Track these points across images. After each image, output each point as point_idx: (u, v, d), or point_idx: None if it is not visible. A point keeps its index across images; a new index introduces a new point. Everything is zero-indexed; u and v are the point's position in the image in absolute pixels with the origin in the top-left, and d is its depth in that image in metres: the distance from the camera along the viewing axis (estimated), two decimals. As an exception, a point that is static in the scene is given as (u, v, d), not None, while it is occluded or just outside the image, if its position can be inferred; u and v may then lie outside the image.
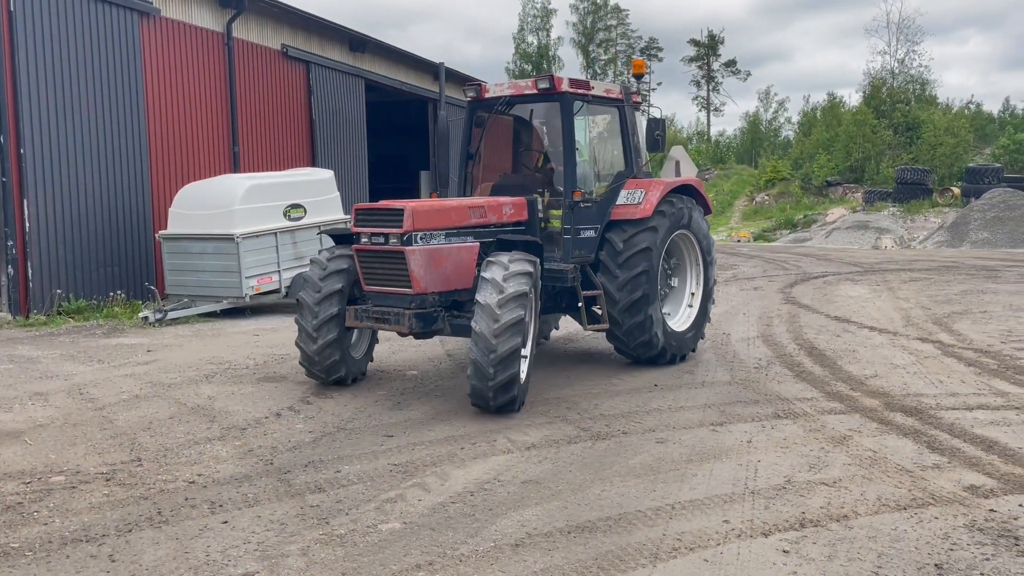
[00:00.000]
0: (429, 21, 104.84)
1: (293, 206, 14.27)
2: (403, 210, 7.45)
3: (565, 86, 8.67)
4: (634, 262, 8.62)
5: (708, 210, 9.87)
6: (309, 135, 19.78)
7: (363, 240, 7.68)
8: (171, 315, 12.97)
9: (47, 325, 12.61)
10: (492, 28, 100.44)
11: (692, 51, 72.51)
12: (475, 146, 9.32)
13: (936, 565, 4.21)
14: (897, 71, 52.82)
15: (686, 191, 9.48)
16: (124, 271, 14.67)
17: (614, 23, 70.26)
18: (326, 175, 15.59)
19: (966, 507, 4.95)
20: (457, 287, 7.77)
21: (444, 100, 25.31)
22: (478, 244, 7.81)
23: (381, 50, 22.91)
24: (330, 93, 20.47)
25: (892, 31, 57.65)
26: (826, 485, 5.36)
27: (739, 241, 35.77)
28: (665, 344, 8.92)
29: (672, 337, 9.09)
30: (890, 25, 60.14)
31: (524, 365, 7.24)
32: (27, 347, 10.83)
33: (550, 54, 62.80)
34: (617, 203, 8.90)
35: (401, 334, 7.89)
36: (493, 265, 7.16)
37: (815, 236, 33.82)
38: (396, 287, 7.61)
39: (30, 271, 13.07)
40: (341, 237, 8.31)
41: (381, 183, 23.61)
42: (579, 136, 9.05)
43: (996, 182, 33.85)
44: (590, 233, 8.79)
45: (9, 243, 12.84)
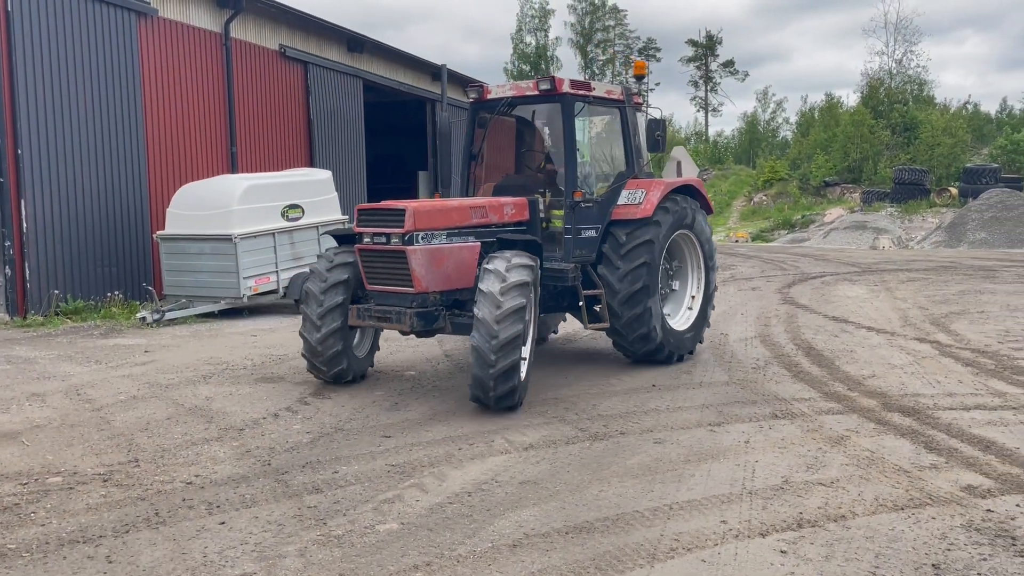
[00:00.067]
0: (427, 21, 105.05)
1: (291, 206, 14.27)
2: (405, 210, 7.51)
3: (566, 87, 8.71)
4: (636, 254, 8.71)
5: (710, 210, 9.96)
6: (307, 135, 19.78)
7: (365, 240, 7.76)
8: (169, 315, 12.95)
9: (44, 326, 12.60)
10: (490, 28, 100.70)
11: (690, 51, 72.75)
12: (478, 147, 9.38)
13: (933, 565, 4.21)
14: (895, 71, 52.99)
15: (687, 191, 9.53)
16: (122, 271, 14.67)
17: (612, 23, 70.38)
18: (324, 175, 15.59)
19: (963, 507, 4.95)
20: (458, 286, 7.83)
21: (446, 101, 25.31)
22: (479, 244, 7.86)
23: (379, 50, 22.91)
24: (328, 93, 20.46)
25: (890, 31, 57.77)
26: (823, 485, 5.36)
27: (737, 241, 35.79)
28: (663, 340, 8.96)
29: (671, 334, 9.14)
30: (888, 25, 60.38)
31: (523, 365, 7.29)
32: (24, 348, 10.82)
33: (548, 55, 62.81)
34: (618, 203, 8.97)
35: (403, 332, 7.95)
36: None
37: (813, 236, 33.86)
38: (398, 286, 7.67)
39: (28, 271, 13.07)
40: (343, 238, 8.39)
41: (379, 183, 23.57)
42: (579, 136, 9.08)
43: (993, 182, 33.93)
44: (591, 233, 8.86)
45: (7, 243, 12.83)
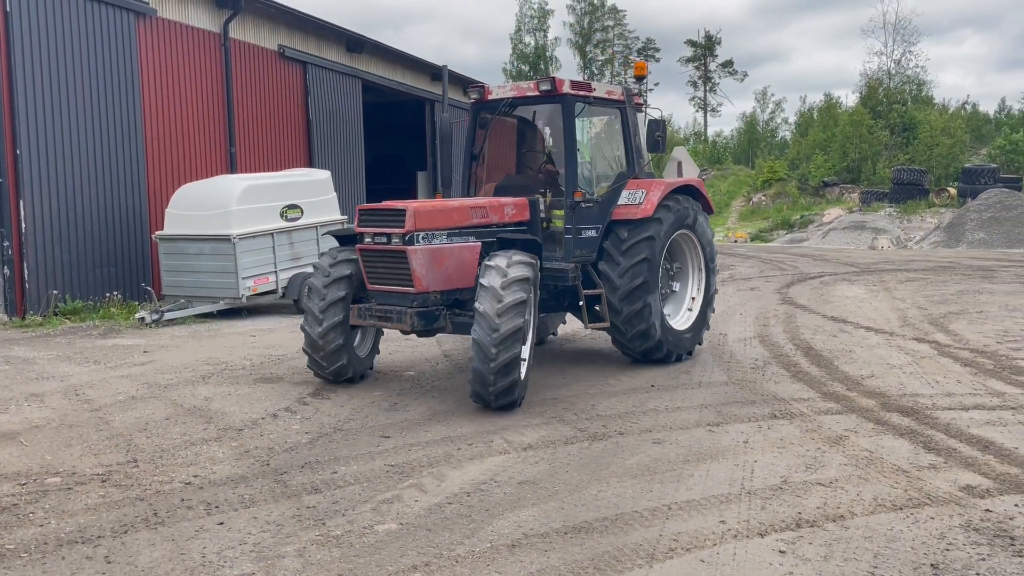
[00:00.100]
0: (426, 22, 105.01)
1: (290, 207, 14.26)
2: (405, 210, 7.55)
3: (566, 88, 8.73)
4: (637, 249, 8.75)
5: (710, 210, 10.00)
6: (306, 135, 19.77)
7: (366, 240, 7.80)
8: (167, 316, 12.95)
9: (43, 326, 12.59)
10: (489, 29, 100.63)
11: (689, 52, 72.71)
12: (479, 147, 9.41)
13: (932, 565, 4.21)
14: (894, 72, 53.06)
15: (688, 192, 9.55)
16: (120, 272, 14.66)
17: (611, 24, 70.31)
18: (323, 176, 15.58)
19: (962, 507, 4.96)
20: (459, 286, 7.86)
21: (447, 102, 25.28)
22: (480, 244, 7.90)
23: (378, 50, 22.90)
24: (327, 93, 20.45)
25: (889, 32, 57.97)
26: (822, 485, 5.36)
27: (736, 242, 35.79)
28: (662, 337, 8.98)
29: (670, 332, 9.16)
30: (887, 26, 60.46)
31: (523, 366, 7.32)
32: (23, 348, 10.81)
33: (547, 55, 62.80)
34: (618, 203, 9.00)
35: (404, 332, 7.98)
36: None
37: (812, 236, 33.88)
38: (399, 286, 7.70)
39: (26, 272, 13.05)
40: (345, 238, 8.44)
41: (378, 184, 23.57)
42: (579, 137, 9.11)
43: (992, 182, 33.93)
44: (591, 233, 8.90)
45: (5, 244, 12.82)
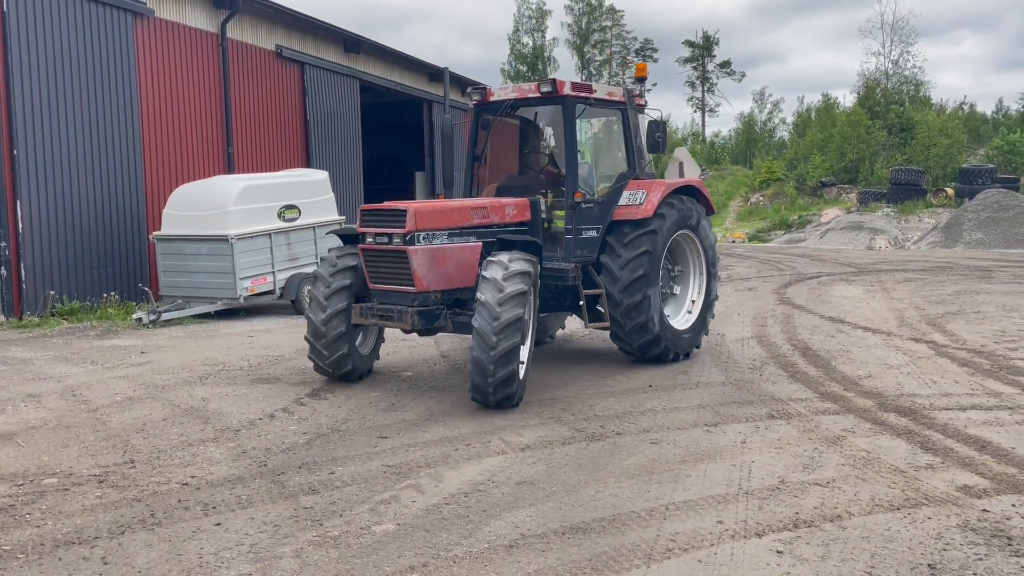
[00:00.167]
0: (424, 22, 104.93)
1: (287, 207, 14.26)
2: (406, 211, 7.61)
3: (567, 89, 8.76)
4: (639, 242, 8.80)
5: (711, 210, 10.03)
6: (304, 136, 19.76)
7: (368, 240, 7.85)
8: (165, 316, 12.93)
9: (40, 326, 12.57)
10: (487, 29, 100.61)
11: (687, 52, 72.65)
12: (481, 148, 9.47)
13: (929, 565, 4.21)
14: (891, 72, 53.10)
15: (689, 192, 9.57)
16: (118, 272, 14.64)
17: (609, 24, 70.30)
18: (321, 176, 15.58)
19: (959, 507, 4.96)
20: (460, 285, 7.91)
21: (448, 104, 25.29)
22: (481, 244, 7.95)
23: (376, 51, 22.90)
24: (325, 94, 20.45)
25: (886, 32, 58.07)
26: (820, 485, 5.36)
27: (734, 242, 35.81)
28: (661, 333, 9.00)
29: (668, 330, 9.19)
30: (884, 26, 60.60)
31: (521, 369, 7.34)
32: (20, 348, 10.80)
33: (545, 55, 62.82)
34: (619, 204, 9.04)
35: (405, 331, 8.03)
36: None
37: (809, 237, 33.89)
38: (400, 285, 7.75)
39: (23, 272, 13.03)
40: (348, 238, 8.52)
41: (376, 184, 23.56)
42: (580, 138, 9.14)
43: (990, 183, 33.98)
44: (592, 233, 8.94)
45: (2, 244, 12.80)
